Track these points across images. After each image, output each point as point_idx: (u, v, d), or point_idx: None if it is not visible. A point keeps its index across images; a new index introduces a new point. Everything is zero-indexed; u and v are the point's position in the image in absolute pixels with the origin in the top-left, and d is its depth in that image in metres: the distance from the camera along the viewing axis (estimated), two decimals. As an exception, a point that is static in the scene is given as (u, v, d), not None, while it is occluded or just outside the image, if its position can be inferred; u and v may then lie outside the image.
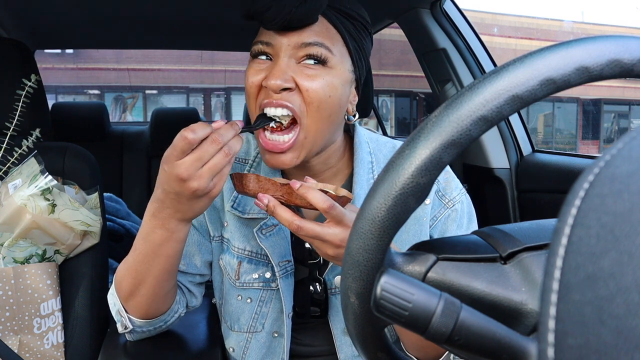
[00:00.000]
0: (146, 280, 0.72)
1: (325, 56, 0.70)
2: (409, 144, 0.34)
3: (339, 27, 0.72)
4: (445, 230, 0.81)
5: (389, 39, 11.34)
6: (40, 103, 1.09)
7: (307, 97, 0.69)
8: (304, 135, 0.71)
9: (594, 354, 0.19)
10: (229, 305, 0.84)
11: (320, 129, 0.72)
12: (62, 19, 1.73)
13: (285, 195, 0.65)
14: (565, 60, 0.31)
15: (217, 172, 0.62)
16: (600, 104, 15.46)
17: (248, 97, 0.74)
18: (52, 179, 0.90)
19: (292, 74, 0.69)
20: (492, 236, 0.40)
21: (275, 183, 0.65)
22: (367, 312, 0.38)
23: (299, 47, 0.70)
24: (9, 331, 0.89)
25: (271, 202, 0.63)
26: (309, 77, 0.69)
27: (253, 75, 0.72)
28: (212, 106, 14.48)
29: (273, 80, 0.68)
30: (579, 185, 0.22)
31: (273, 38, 0.71)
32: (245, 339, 0.84)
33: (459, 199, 0.81)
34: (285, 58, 0.70)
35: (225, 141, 0.62)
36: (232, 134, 0.63)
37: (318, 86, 0.69)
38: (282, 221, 0.63)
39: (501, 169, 1.54)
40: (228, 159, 0.62)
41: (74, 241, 0.95)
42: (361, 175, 0.80)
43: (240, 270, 0.81)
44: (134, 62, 12.89)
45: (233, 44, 2.30)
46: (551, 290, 0.21)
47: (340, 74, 0.72)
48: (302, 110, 0.70)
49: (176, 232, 0.69)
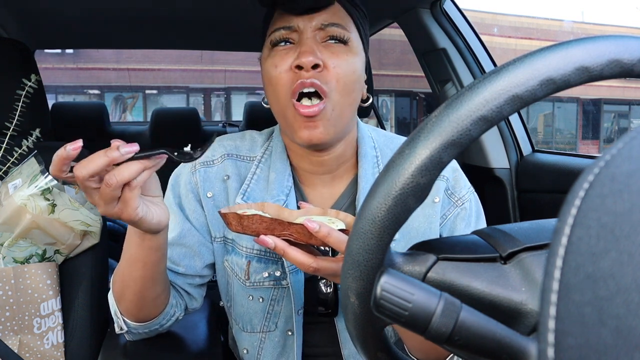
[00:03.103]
0: (130, 285, 0.72)
1: (346, 36, 0.73)
2: (409, 144, 0.34)
3: (350, 12, 0.75)
4: (454, 229, 0.81)
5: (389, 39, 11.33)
6: (40, 103, 1.09)
7: (334, 74, 0.71)
8: (331, 107, 0.71)
9: (594, 354, 0.19)
10: (239, 306, 0.83)
11: (345, 105, 0.73)
12: (62, 19, 1.73)
13: (294, 234, 0.60)
14: (565, 60, 0.31)
15: (111, 200, 0.57)
16: (600, 104, 15.46)
17: (277, 85, 0.72)
18: (52, 179, 0.90)
19: (319, 51, 0.71)
20: (492, 236, 0.40)
21: (282, 222, 0.60)
22: (367, 312, 0.38)
23: (320, 29, 0.72)
24: (9, 331, 0.89)
25: (279, 245, 0.60)
26: (334, 55, 0.71)
27: (280, 60, 0.72)
28: (212, 106, 14.48)
29: (305, 57, 0.69)
30: (579, 185, 0.22)
31: (294, 22, 0.72)
32: (259, 339, 0.83)
33: (468, 197, 0.81)
34: (310, 38, 0.71)
35: (108, 173, 0.56)
36: (125, 163, 0.56)
37: (344, 63, 0.71)
38: (296, 264, 0.60)
39: (501, 169, 1.54)
40: (111, 189, 0.55)
41: (74, 241, 0.95)
42: (366, 170, 0.80)
43: (250, 269, 0.80)
44: (134, 62, 12.89)
45: (233, 44, 2.30)
46: (551, 290, 0.21)
47: (358, 53, 0.74)
48: (331, 87, 0.71)
49: (145, 239, 0.66)
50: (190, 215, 0.82)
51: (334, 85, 0.71)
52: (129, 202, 0.57)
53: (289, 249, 0.60)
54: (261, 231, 0.60)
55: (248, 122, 2.57)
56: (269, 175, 0.81)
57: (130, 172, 0.56)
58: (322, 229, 0.58)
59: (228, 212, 0.62)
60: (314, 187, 0.82)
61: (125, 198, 0.57)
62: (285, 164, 0.81)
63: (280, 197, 0.79)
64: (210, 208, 0.81)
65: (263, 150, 0.83)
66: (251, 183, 0.81)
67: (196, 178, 0.81)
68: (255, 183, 0.81)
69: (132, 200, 0.57)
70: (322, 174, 0.81)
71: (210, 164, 0.82)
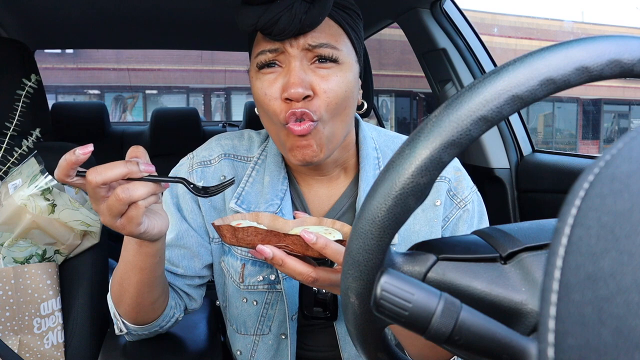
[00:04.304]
0: (128, 289, 0.71)
1: (334, 55, 0.69)
2: (409, 144, 0.34)
3: (340, 22, 0.71)
4: (456, 231, 0.80)
5: (389, 39, 11.34)
6: (40, 103, 1.09)
7: (325, 100, 0.68)
8: (322, 126, 0.69)
9: (594, 354, 0.19)
10: (234, 308, 0.83)
11: (337, 123, 0.71)
12: (62, 19, 1.73)
13: (291, 245, 0.58)
14: (565, 60, 0.31)
15: (117, 214, 0.56)
16: (600, 104, 15.46)
17: (268, 111, 0.70)
18: (52, 179, 0.90)
19: (308, 78, 0.68)
20: (492, 236, 0.40)
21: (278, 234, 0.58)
22: (367, 312, 0.38)
23: (307, 49, 0.68)
24: (9, 331, 0.89)
25: (277, 255, 0.58)
26: (324, 79, 0.69)
27: (268, 87, 0.69)
28: (212, 106, 14.48)
29: (294, 89, 0.66)
30: (579, 185, 0.22)
31: (280, 45, 0.69)
32: (252, 341, 0.83)
33: (471, 198, 0.80)
34: (298, 62, 0.68)
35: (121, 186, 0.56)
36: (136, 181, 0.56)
37: (334, 85, 0.69)
38: (294, 275, 0.59)
39: (501, 169, 1.54)
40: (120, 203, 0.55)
41: (74, 241, 0.95)
42: (367, 172, 0.79)
43: (245, 272, 0.80)
44: (134, 62, 12.90)
45: (233, 44, 2.30)
46: (551, 290, 0.21)
47: (349, 67, 0.71)
48: (321, 111, 0.69)
49: (143, 246, 0.66)
50: (188, 216, 0.82)
51: (324, 110, 0.69)
52: (133, 219, 0.57)
53: (288, 258, 0.59)
54: (256, 243, 0.59)
55: (248, 122, 2.57)
56: (264, 178, 0.80)
57: (142, 192, 0.56)
58: (319, 240, 0.57)
59: (222, 225, 0.61)
60: (311, 187, 0.82)
61: (130, 215, 0.57)
62: (280, 167, 0.81)
63: (274, 202, 0.78)
64: (208, 208, 0.81)
65: (260, 152, 0.83)
66: (246, 186, 0.80)
67: (193, 178, 0.81)
68: (251, 186, 0.80)
69: (136, 218, 0.57)
70: (319, 176, 0.81)
71: (207, 163, 0.82)
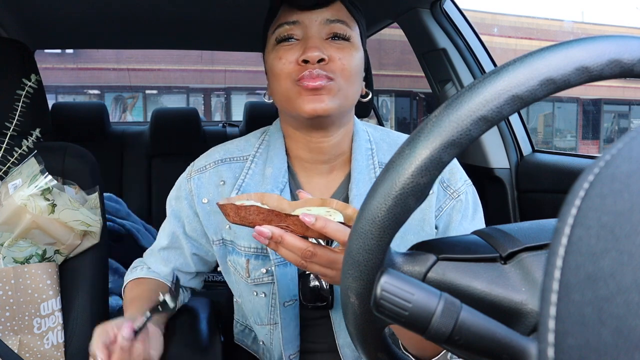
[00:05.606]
0: None
1: (348, 34, 0.75)
2: (409, 144, 0.34)
3: (351, 10, 0.78)
4: (450, 221, 0.81)
5: (389, 39, 11.33)
6: (40, 103, 1.09)
7: (340, 65, 0.73)
8: (337, 86, 0.74)
9: (594, 354, 0.19)
10: (247, 302, 0.87)
11: (349, 90, 0.75)
12: (62, 19, 1.73)
13: (291, 225, 0.59)
14: (565, 60, 0.31)
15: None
16: (600, 104, 15.45)
17: (282, 74, 0.74)
18: (52, 179, 0.90)
19: (324, 46, 0.73)
20: (492, 236, 0.40)
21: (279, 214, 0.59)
22: (367, 312, 0.38)
23: (325, 24, 0.74)
24: (9, 331, 0.89)
25: (276, 233, 0.59)
26: (339, 50, 0.74)
27: (286, 54, 0.74)
28: (212, 106, 14.48)
29: (311, 52, 0.71)
30: (579, 185, 0.22)
31: (299, 17, 0.75)
32: (269, 330, 0.86)
33: (464, 189, 0.82)
34: (316, 33, 0.74)
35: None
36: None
37: (348, 56, 0.74)
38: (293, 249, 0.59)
39: (501, 169, 1.54)
40: None
41: (74, 241, 0.95)
42: (359, 161, 0.81)
43: (249, 267, 0.83)
44: (134, 62, 12.89)
45: (233, 44, 2.30)
46: (551, 290, 0.21)
47: (359, 49, 0.77)
48: (337, 74, 0.73)
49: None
50: (185, 221, 0.86)
51: (339, 73, 0.74)
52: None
53: (287, 235, 0.59)
54: (258, 222, 0.60)
55: (248, 122, 2.57)
56: (264, 170, 0.82)
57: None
58: (318, 222, 0.58)
59: (226, 203, 0.62)
60: (310, 178, 0.84)
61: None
62: (283, 157, 0.82)
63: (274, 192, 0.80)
64: (206, 214, 0.83)
65: (257, 145, 0.85)
66: (246, 178, 0.82)
67: (191, 185, 0.84)
68: (250, 178, 0.82)
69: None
70: (320, 163, 0.82)
71: (203, 170, 0.85)
